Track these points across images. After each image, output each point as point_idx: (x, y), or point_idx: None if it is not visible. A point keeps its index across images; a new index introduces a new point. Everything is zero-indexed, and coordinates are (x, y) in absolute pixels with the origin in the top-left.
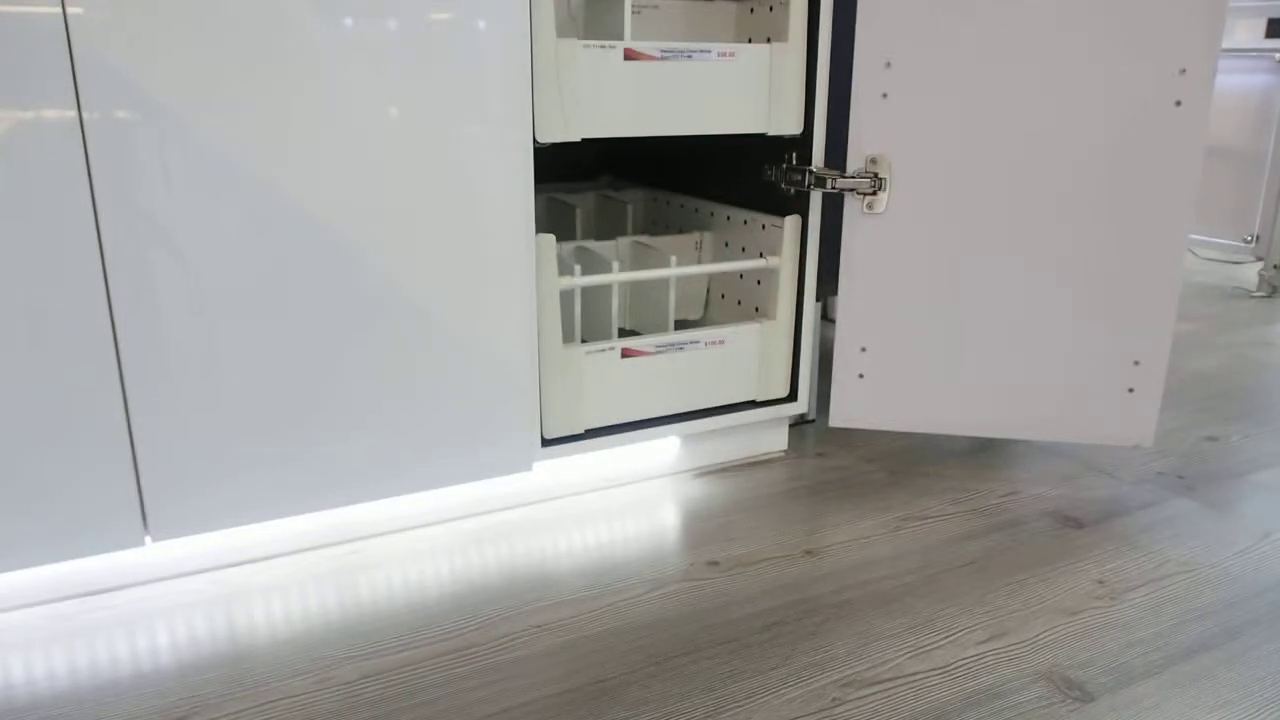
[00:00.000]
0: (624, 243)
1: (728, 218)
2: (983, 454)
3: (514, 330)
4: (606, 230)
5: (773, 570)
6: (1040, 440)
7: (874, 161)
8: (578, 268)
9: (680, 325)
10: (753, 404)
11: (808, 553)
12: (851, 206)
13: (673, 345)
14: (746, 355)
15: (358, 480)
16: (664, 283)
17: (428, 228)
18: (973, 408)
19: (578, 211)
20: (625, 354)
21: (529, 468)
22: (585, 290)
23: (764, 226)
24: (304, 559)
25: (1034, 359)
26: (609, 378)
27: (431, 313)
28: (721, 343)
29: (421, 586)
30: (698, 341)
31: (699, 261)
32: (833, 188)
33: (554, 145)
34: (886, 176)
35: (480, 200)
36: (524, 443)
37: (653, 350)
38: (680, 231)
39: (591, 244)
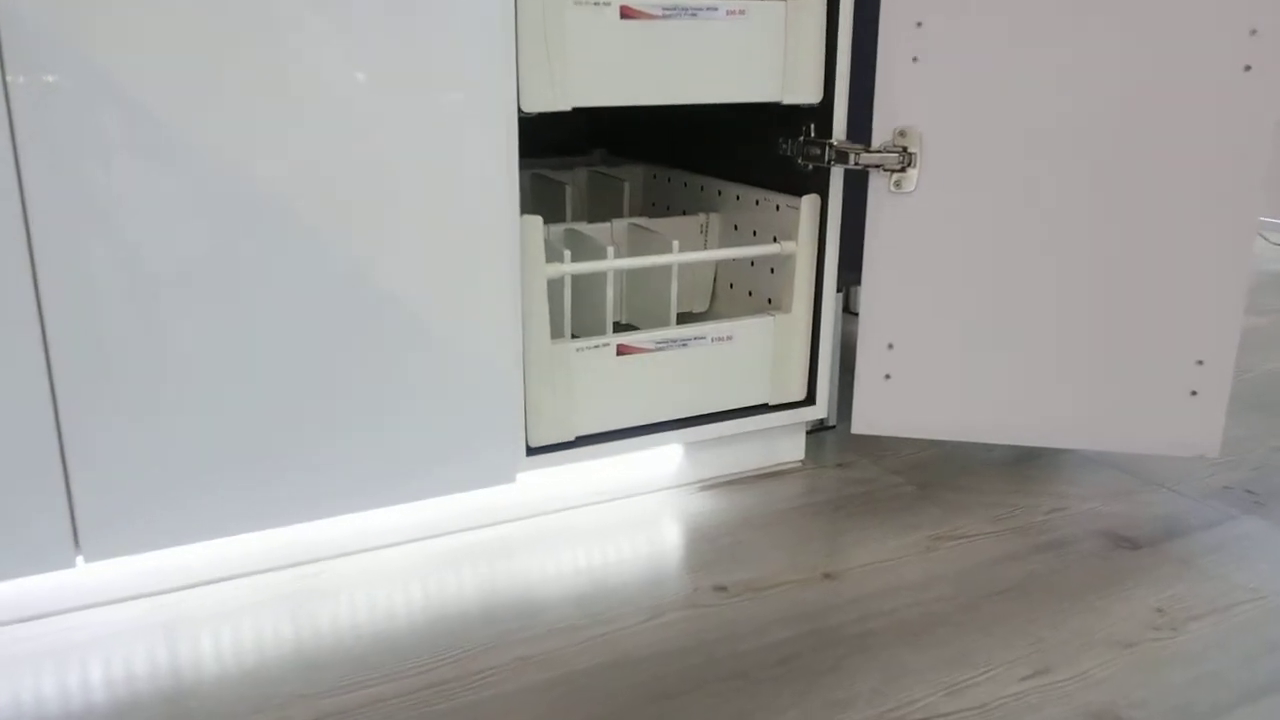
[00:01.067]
0: (620, 225)
1: (737, 197)
2: (1025, 465)
3: (495, 324)
4: (600, 211)
5: (787, 596)
6: (1091, 450)
7: (903, 134)
8: (567, 253)
9: (683, 319)
10: (765, 408)
11: (827, 576)
12: (877, 185)
13: (675, 341)
14: (758, 353)
15: (318, 494)
16: (665, 271)
17: (398, 209)
18: (1014, 413)
19: (568, 190)
20: (621, 351)
21: (512, 479)
22: (576, 279)
23: (778, 207)
24: (257, 582)
25: (1083, 358)
26: (603, 378)
27: (402, 305)
28: (730, 338)
29: (390, 614)
30: (703, 337)
31: (704, 247)
32: (856, 164)
33: (541, 116)
34: (917, 151)
35: (458, 178)
36: (506, 451)
37: (652, 347)
38: (683, 213)
39: (583, 227)
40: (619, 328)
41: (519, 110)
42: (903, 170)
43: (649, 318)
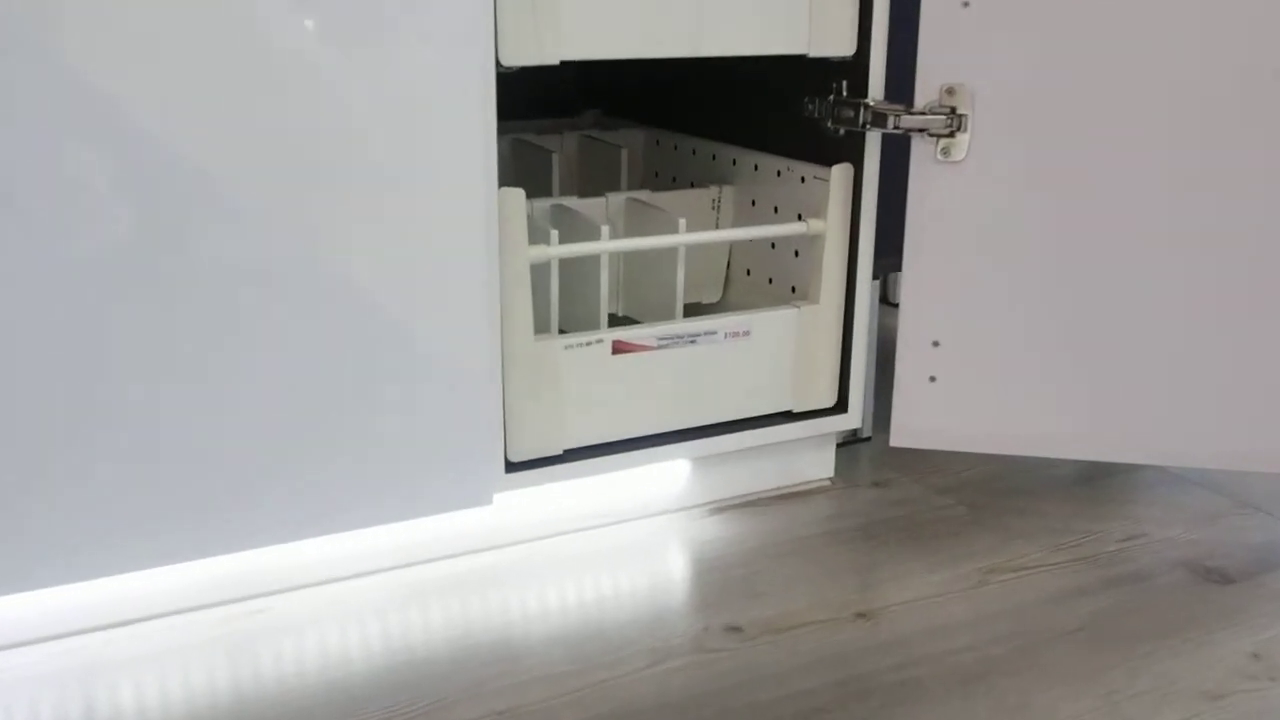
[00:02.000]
0: (616, 200)
1: (755, 167)
2: (1096, 484)
3: (467, 317)
4: (593, 184)
5: (814, 638)
6: (1175, 466)
7: (951, 92)
8: (554, 233)
9: (691, 311)
10: (788, 416)
11: (860, 615)
12: (921, 152)
13: (681, 338)
14: (780, 351)
15: (260, 518)
16: (670, 255)
17: (352, 181)
18: (1083, 422)
19: (555, 159)
20: (618, 349)
21: (488, 501)
22: (564, 264)
23: (804, 179)
24: (188, 621)
25: (1171, 358)
26: (595, 381)
27: (354, 295)
28: (746, 334)
29: (345, 658)
30: (714, 333)
31: (716, 226)
32: (896, 128)
33: (524, 70)
34: (968, 113)
35: (423, 145)
36: (482, 468)
37: (654, 344)
38: (691, 185)
39: (573, 202)
40: (615, 321)
41: (498, 64)
42: (951, 135)
43: (650, 310)
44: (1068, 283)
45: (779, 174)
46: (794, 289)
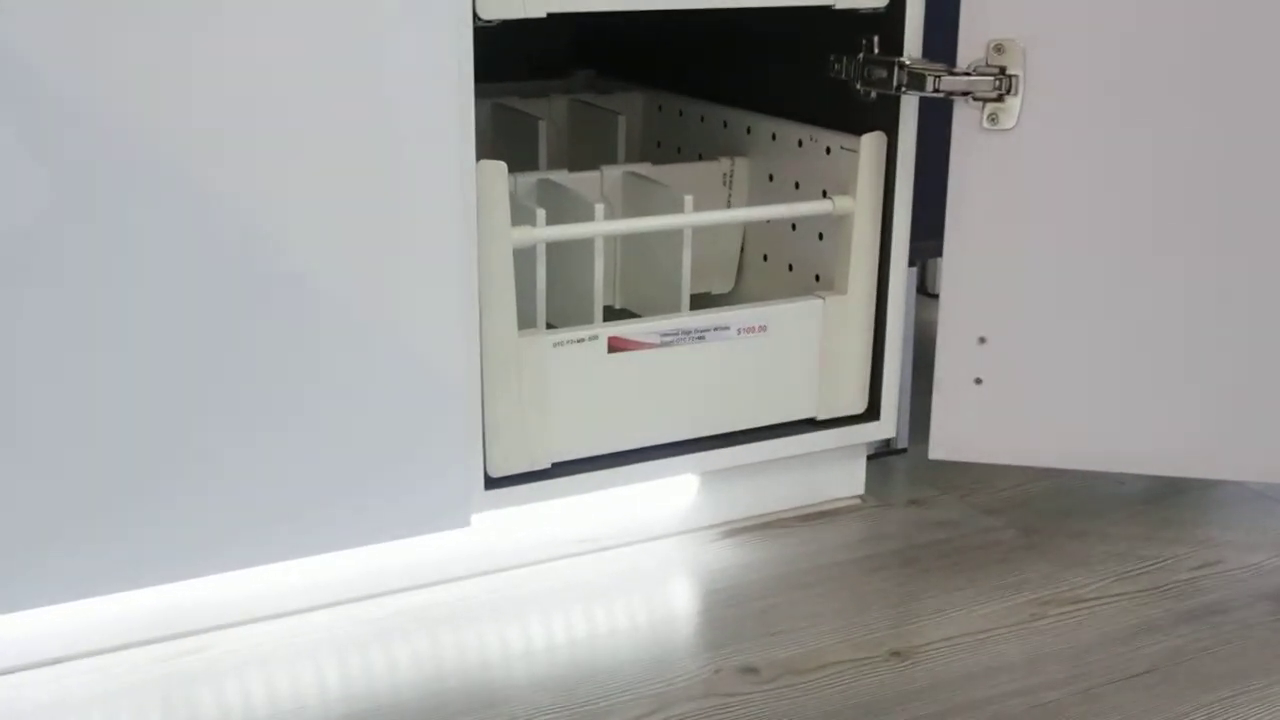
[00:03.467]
0: (613, 174)
1: (773, 136)
2: (1166, 503)
3: (440, 311)
4: (586, 155)
5: (840, 681)
6: (1257, 482)
7: (1000, 50)
8: (541, 213)
9: (699, 303)
10: (811, 424)
11: (895, 654)
12: (964, 119)
13: (688, 333)
14: (802, 349)
15: (200, 543)
16: (674, 238)
17: (306, 155)
18: (1151, 432)
19: (542, 127)
20: (614, 346)
21: (465, 522)
22: (552, 248)
23: (829, 150)
24: (116, 661)
25: (1257, 357)
26: (589, 383)
27: (306, 285)
28: (763, 329)
29: (298, 702)
30: (727, 328)
31: (728, 204)
32: (936, 90)
33: (505, 24)
34: (1019, 74)
35: (389, 110)
36: (457, 484)
37: (657, 341)
38: (699, 157)
39: (563, 176)
40: (612, 315)
41: (475, 17)
42: (999, 99)
43: (652, 302)
44: (1133, 270)
45: (800, 144)
46: (818, 277)
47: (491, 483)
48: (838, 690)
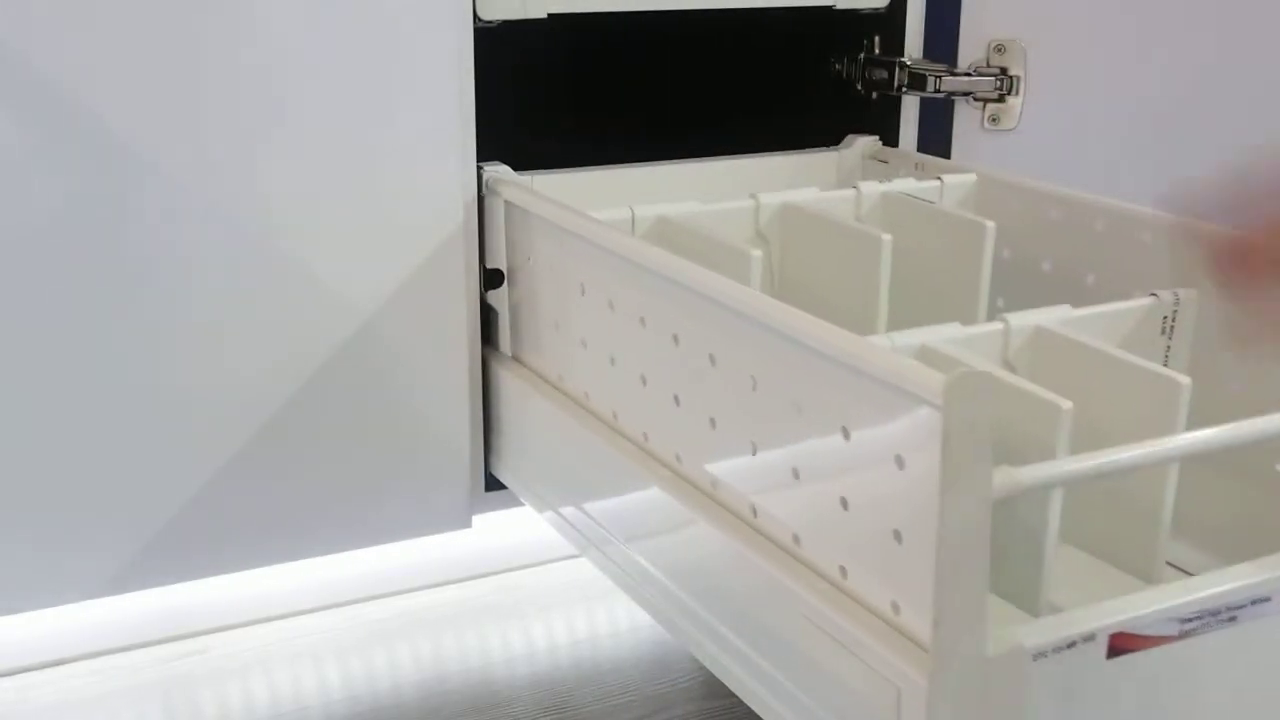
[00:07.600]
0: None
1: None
2: None
3: (444, 318)
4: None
5: None
6: None
7: (1001, 50)
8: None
9: None
10: None
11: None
12: (966, 119)
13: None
14: None
15: (202, 545)
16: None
17: (306, 156)
18: None
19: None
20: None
21: (466, 523)
22: None
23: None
24: (115, 664)
25: None
26: None
27: (311, 288)
28: None
29: (300, 705)
30: (1268, 599)
31: (1164, 360)
32: (937, 91)
33: (508, 27)
34: (1020, 73)
35: (390, 110)
36: (456, 483)
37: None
38: None
39: None
40: None
41: (475, 18)
42: (1001, 99)
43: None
44: None
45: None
46: None
47: (493, 484)
48: None
